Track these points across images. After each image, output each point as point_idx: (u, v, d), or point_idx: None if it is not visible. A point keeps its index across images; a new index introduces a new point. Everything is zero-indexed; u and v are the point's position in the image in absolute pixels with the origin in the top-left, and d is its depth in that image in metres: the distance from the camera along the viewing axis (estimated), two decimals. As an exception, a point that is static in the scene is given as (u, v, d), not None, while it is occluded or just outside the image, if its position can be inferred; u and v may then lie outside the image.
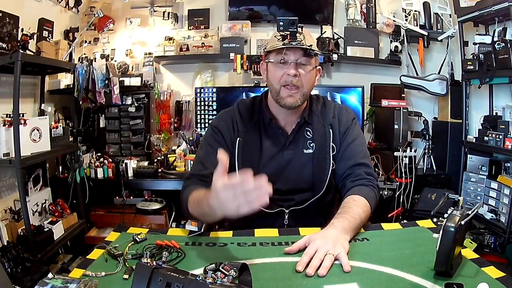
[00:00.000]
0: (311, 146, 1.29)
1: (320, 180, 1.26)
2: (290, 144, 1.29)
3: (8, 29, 1.99)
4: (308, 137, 1.30)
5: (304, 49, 1.18)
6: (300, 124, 1.30)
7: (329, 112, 1.33)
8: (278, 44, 1.19)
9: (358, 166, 1.27)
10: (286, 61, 1.20)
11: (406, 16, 2.84)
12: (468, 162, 2.53)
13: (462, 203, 0.89)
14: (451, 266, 0.80)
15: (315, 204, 1.27)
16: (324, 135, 1.29)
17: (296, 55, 1.20)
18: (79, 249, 2.34)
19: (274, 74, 1.24)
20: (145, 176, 2.52)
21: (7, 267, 1.60)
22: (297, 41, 1.17)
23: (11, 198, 2.11)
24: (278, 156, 1.28)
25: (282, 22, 1.15)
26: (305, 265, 0.86)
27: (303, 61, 1.21)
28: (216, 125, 1.31)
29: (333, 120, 1.32)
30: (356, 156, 1.28)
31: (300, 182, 1.27)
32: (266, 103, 1.33)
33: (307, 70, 1.22)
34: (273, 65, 1.24)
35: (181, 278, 0.64)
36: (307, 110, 1.32)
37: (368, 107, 2.89)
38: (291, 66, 1.20)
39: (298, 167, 1.28)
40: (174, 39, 2.87)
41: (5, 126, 1.84)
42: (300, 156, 1.28)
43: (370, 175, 1.27)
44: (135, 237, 1.01)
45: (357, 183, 1.24)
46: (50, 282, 0.71)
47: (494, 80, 2.33)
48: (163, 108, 2.88)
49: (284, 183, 1.26)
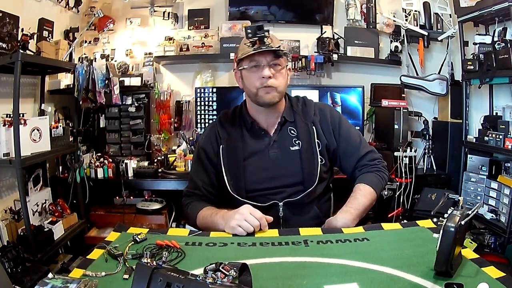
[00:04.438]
0: (297, 143, 1.36)
1: (311, 174, 1.32)
2: (274, 143, 1.36)
3: (8, 29, 1.98)
4: (292, 135, 1.37)
5: (274, 50, 1.25)
6: (282, 123, 1.38)
7: (310, 110, 1.41)
8: (249, 51, 1.25)
9: (361, 158, 1.38)
10: (259, 65, 1.27)
11: (406, 16, 2.83)
12: (468, 162, 2.52)
13: (462, 203, 0.89)
14: (451, 266, 0.80)
15: (307, 196, 1.32)
16: (308, 133, 1.36)
17: (267, 57, 1.26)
18: (79, 249, 2.34)
19: (250, 79, 1.31)
20: (145, 176, 2.52)
21: (7, 267, 1.60)
22: (266, 45, 1.23)
23: (11, 198, 2.11)
24: (263, 155, 1.35)
25: (250, 29, 1.22)
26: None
27: (274, 62, 1.28)
28: (201, 145, 1.43)
29: (315, 118, 1.39)
30: (357, 151, 1.39)
31: (289, 178, 1.33)
32: (246, 109, 1.41)
33: (278, 70, 1.29)
34: (247, 71, 1.30)
35: (181, 278, 0.64)
36: (287, 110, 1.40)
37: (368, 107, 2.88)
38: (264, 68, 1.26)
39: (286, 164, 1.34)
40: (174, 39, 2.87)
41: (5, 126, 1.84)
42: (287, 154, 1.35)
43: (373, 160, 1.39)
44: (135, 237, 1.01)
45: (363, 171, 1.37)
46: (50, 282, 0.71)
47: (494, 80, 2.33)
48: (163, 108, 2.88)
49: (272, 180, 1.33)
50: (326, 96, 2.74)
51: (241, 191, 1.32)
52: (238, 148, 1.35)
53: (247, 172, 1.33)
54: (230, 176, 1.32)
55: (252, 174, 1.33)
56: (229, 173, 1.33)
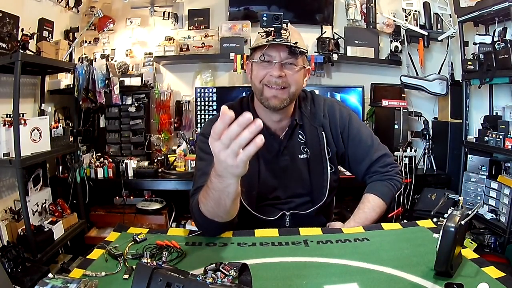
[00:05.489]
0: (305, 151, 1.24)
1: (320, 186, 1.22)
2: (285, 150, 1.23)
3: (8, 29, 1.98)
4: (301, 141, 1.24)
5: (289, 46, 1.09)
6: (292, 127, 1.23)
7: (319, 111, 1.26)
8: (262, 41, 1.11)
9: (373, 164, 1.27)
10: (271, 61, 1.12)
11: (406, 16, 2.83)
12: (468, 162, 2.53)
13: (462, 203, 0.89)
14: (451, 266, 0.80)
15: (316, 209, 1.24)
16: (317, 139, 1.23)
17: (281, 53, 1.12)
18: (79, 249, 2.34)
19: (257, 73, 1.16)
20: (145, 176, 2.52)
21: (7, 267, 1.60)
22: (281, 38, 1.08)
23: (11, 198, 2.11)
24: (274, 163, 1.23)
25: (266, 17, 1.05)
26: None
27: (289, 61, 1.13)
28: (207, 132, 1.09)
29: (324, 121, 1.25)
30: (368, 155, 1.26)
31: (299, 188, 1.24)
32: (253, 106, 1.24)
33: (294, 70, 1.14)
34: (256, 64, 1.15)
35: (181, 278, 0.63)
36: (297, 112, 1.25)
37: (368, 107, 2.88)
38: (275, 66, 1.11)
39: (296, 173, 1.23)
40: (174, 39, 2.87)
41: (5, 126, 1.84)
42: (296, 162, 1.23)
43: (386, 166, 1.26)
44: (135, 237, 1.01)
45: (374, 178, 1.26)
46: (50, 282, 0.71)
47: (494, 80, 2.33)
48: (163, 108, 2.88)
49: (283, 190, 1.23)
50: (326, 96, 2.74)
51: (253, 201, 1.18)
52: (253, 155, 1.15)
53: (260, 181, 1.18)
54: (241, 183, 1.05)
55: (264, 183, 1.20)
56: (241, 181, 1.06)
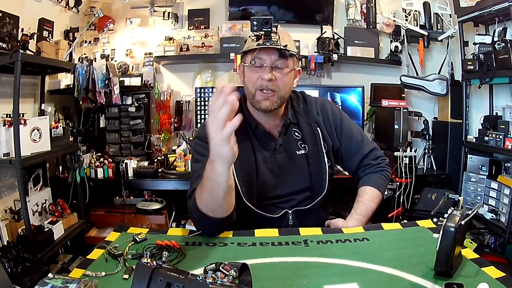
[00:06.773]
0: (302, 146, 1.27)
1: (319, 179, 1.26)
2: (280, 147, 1.27)
3: (8, 29, 1.98)
4: (297, 138, 1.28)
5: (279, 49, 1.13)
6: (286, 125, 1.28)
7: (312, 109, 1.32)
8: (252, 45, 1.15)
9: (365, 157, 1.33)
10: (261, 65, 1.16)
11: (406, 16, 2.84)
12: (468, 162, 2.53)
13: (462, 203, 0.89)
14: (451, 266, 0.80)
15: (317, 203, 1.26)
16: (313, 135, 1.28)
17: (272, 56, 1.15)
18: (79, 249, 2.34)
19: (249, 77, 1.20)
20: (145, 176, 2.52)
21: (7, 267, 1.60)
22: (271, 42, 1.11)
23: (11, 198, 2.11)
24: (271, 162, 1.26)
25: (256, 21, 1.09)
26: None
27: (279, 64, 1.16)
28: (202, 135, 1.14)
29: (318, 118, 1.31)
30: (360, 149, 1.33)
31: (299, 184, 1.26)
32: (246, 107, 1.28)
33: (284, 73, 1.17)
34: (248, 68, 1.19)
35: (181, 278, 0.64)
36: (290, 111, 1.29)
37: (368, 107, 2.89)
38: (266, 70, 1.15)
39: (294, 170, 1.26)
40: (174, 39, 2.87)
41: (5, 126, 1.84)
42: (294, 159, 1.26)
43: (377, 159, 1.34)
44: (135, 237, 1.01)
45: (367, 171, 1.33)
46: (50, 282, 0.71)
47: (494, 80, 2.33)
48: (163, 108, 2.88)
49: (282, 188, 1.25)
50: (326, 96, 2.74)
51: (253, 200, 1.20)
52: (250, 155, 1.21)
53: (259, 179, 1.22)
54: (241, 183, 1.16)
55: (263, 181, 1.23)
56: (241, 180, 1.17)
